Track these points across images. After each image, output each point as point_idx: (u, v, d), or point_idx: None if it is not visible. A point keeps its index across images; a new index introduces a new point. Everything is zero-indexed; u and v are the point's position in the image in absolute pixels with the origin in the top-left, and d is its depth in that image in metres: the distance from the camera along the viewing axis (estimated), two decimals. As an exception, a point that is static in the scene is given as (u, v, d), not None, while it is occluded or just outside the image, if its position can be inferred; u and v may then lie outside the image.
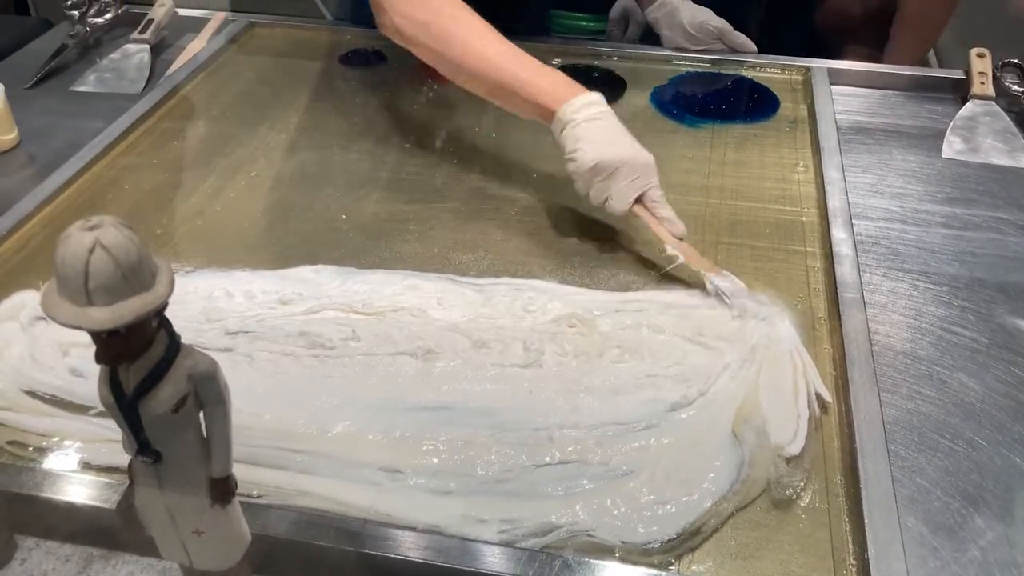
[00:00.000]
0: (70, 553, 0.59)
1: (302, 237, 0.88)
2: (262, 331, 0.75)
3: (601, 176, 0.81)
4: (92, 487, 0.59)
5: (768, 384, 0.69)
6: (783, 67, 1.19)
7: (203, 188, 0.97)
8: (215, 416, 0.45)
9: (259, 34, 1.33)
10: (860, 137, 1.06)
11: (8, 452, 0.65)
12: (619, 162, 0.80)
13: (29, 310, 0.76)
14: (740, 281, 0.78)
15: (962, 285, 0.81)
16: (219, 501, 0.47)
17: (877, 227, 0.90)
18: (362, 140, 1.06)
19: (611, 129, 0.83)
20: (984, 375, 0.71)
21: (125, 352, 0.40)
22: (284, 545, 0.56)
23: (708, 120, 1.08)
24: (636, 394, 0.68)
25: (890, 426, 0.66)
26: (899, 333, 0.76)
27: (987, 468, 0.64)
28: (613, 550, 0.57)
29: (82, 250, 0.36)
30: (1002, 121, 1.06)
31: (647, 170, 0.81)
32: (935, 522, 0.60)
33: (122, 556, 0.58)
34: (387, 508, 0.60)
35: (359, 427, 0.66)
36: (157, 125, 1.09)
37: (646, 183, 0.81)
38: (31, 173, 0.98)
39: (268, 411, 0.67)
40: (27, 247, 0.87)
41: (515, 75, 0.86)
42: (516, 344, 0.73)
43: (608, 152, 0.80)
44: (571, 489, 0.61)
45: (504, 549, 0.56)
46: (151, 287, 0.38)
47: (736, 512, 0.60)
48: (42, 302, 0.38)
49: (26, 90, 1.17)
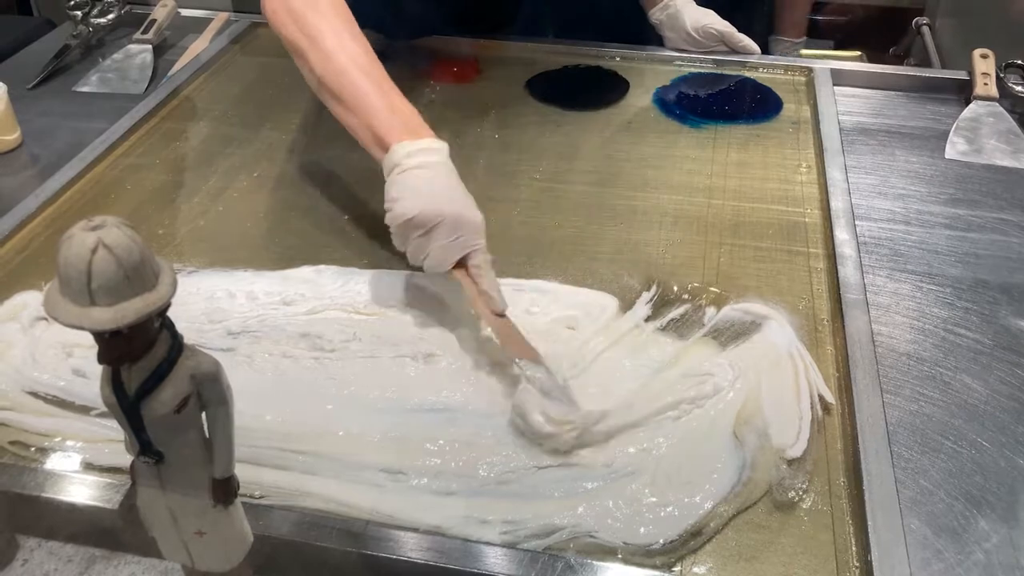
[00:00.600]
0: (72, 554, 0.59)
1: (304, 238, 0.88)
2: (264, 332, 0.75)
3: (418, 232, 0.72)
4: (94, 488, 0.59)
5: (770, 386, 0.69)
6: (786, 68, 1.19)
7: (205, 188, 0.97)
8: (217, 417, 0.45)
9: (262, 34, 1.33)
10: (863, 138, 1.05)
11: (10, 452, 0.65)
12: (439, 217, 0.71)
13: (30, 311, 0.76)
14: (556, 378, 0.67)
15: (965, 286, 0.81)
16: (221, 502, 0.47)
17: (880, 228, 0.89)
18: (364, 140, 1.05)
19: (439, 181, 0.74)
20: (988, 376, 0.71)
21: (127, 352, 0.40)
22: (286, 546, 0.56)
23: (711, 121, 1.08)
24: (638, 395, 0.68)
25: (893, 428, 0.66)
26: (902, 334, 0.76)
27: (991, 470, 0.63)
28: (615, 551, 0.57)
29: (85, 250, 0.36)
30: (1005, 122, 1.06)
31: (472, 230, 0.72)
32: (938, 524, 0.60)
33: (124, 557, 0.58)
34: (389, 509, 0.60)
35: (361, 428, 0.66)
36: (160, 125, 1.09)
37: (469, 244, 0.72)
38: (33, 173, 0.98)
39: (270, 412, 0.67)
40: (29, 247, 0.87)
41: (360, 89, 0.79)
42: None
43: (429, 205, 0.72)
44: (573, 491, 0.61)
45: (506, 550, 0.56)
46: (153, 287, 0.38)
47: (738, 514, 0.60)
48: (45, 302, 0.38)
49: (29, 90, 1.17)
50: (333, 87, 0.80)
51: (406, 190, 0.73)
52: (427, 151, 0.75)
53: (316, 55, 0.81)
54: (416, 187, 0.73)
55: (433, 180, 0.74)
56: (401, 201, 0.73)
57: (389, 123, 0.77)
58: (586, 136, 1.06)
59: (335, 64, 0.80)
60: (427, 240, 0.72)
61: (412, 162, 0.74)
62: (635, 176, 0.98)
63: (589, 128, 1.07)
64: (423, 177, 0.74)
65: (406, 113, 0.79)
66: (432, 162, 0.75)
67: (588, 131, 1.07)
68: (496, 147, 1.04)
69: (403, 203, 0.73)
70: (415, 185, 0.73)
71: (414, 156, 0.75)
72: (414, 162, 0.74)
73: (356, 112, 0.79)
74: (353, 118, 0.79)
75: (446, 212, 0.72)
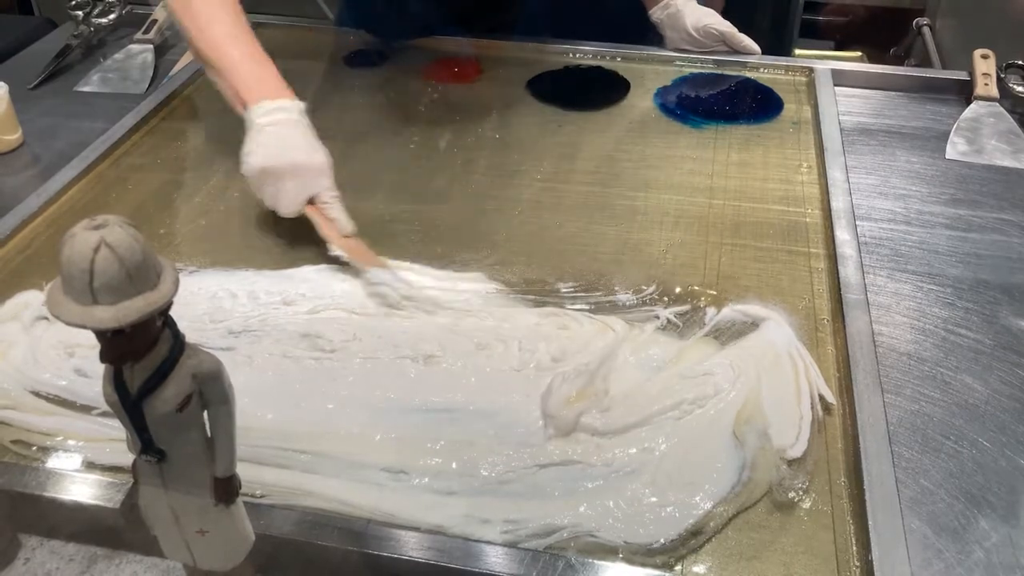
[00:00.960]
0: (74, 552, 0.59)
1: (305, 237, 0.88)
2: (265, 331, 0.75)
3: (269, 181, 0.82)
4: (96, 486, 0.59)
5: (770, 386, 0.69)
6: (787, 68, 1.19)
7: (207, 188, 0.97)
8: (219, 415, 0.45)
9: (263, 35, 1.32)
10: (864, 138, 1.05)
11: (12, 451, 0.65)
12: (287, 167, 0.82)
13: (32, 310, 0.76)
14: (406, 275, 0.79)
15: (966, 286, 0.81)
16: (223, 501, 0.47)
17: (881, 228, 0.89)
18: (366, 141, 1.06)
19: (288, 135, 0.83)
20: (988, 376, 0.71)
21: (130, 351, 0.40)
22: (288, 545, 0.56)
23: (712, 121, 1.08)
24: (640, 396, 0.68)
25: (894, 427, 0.66)
26: (903, 334, 0.76)
27: (991, 469, 0.63)
28: (616, 551, 0.57)
29: (87, 249, 0.36)
30: (1006, 122, 1.06)
31: (318, 173, 0.83)
32: (939, 524, 0.60)
33: (126, 556, 0.58)
34: (390, 508, 0.60)
35: (362, 427, 0.66)
36: (161, 125, 1.09)
37: (315, 186, 0.83)
38: (35, 173, 0.98)
39: (272, 411, 0.67)
40: (31, 247, 0.87)
41: (228, 57, 0.87)
42: (516, 346, 0.73)
43: (278, 158, 0.81)
44: (574, 490, 0.61)
45: (507, 550, 0.56)
46: (156, 286, 0.38)
47: (738, 514, 0.60)
48: (47, 301, 0.38)
49: (30, 90, 1.17)
50: (207, 55, 0.88)
51: (258, 145, 0.82)
52: (280, 110, 0.84)
53: (195, 29, 0.89)
54: (265, 142, 0.82)
55: (282, 135, 0.83)
56: (252, 155, 0.82)
57: (249, 85, 0.86)
58: (587, 136, 1.06)
59: (208, 35, 0.88)
60: (277, 188, 0.82)
61: (265, 120, 0.83)
62: (636, 176, 0.98)
63: (590, 128, 1.07)
64: (273, 133, 0.83)
65: (267, 77, 0.87)
66: (283, 119, 0.84)
67: (589, 131, 1.07)
68: (497, 147, 1.04)
69: (254, 156, 0.82)
70: (265, 140, 0.82)
71: (268, 114, 0.83)
72: (267, 120, 0.83)
73: (224, 76, 0.87)
74: (222, 82, 0.88)
75: (295, 161, 0.82)
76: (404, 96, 1.15)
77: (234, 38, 0.88)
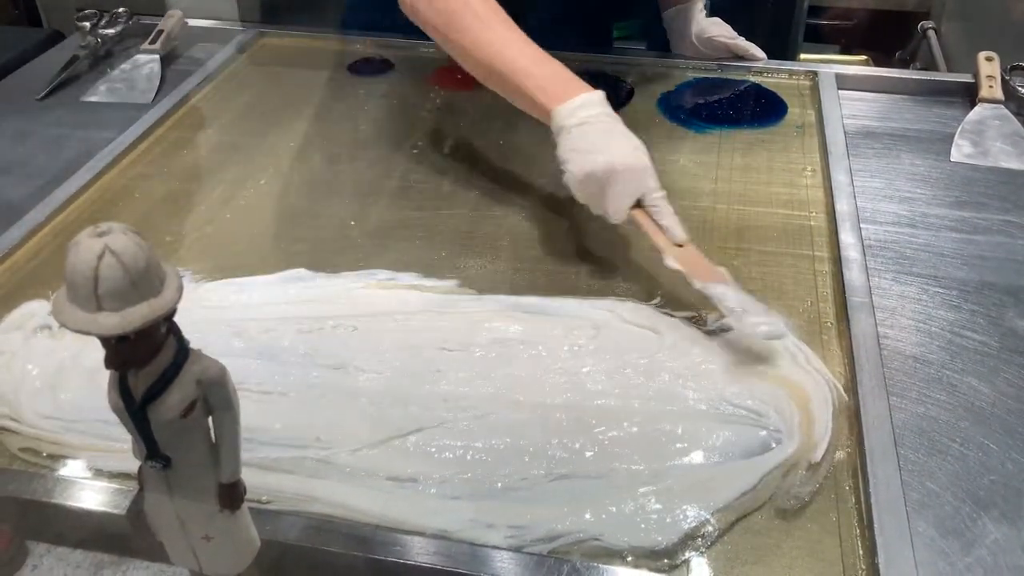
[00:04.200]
0: (81, 559, 0.59)
1: (311, 244, 0.89)
2: (271, 339, 0.75)
3: (593, 187, 0.78)
4: (102, 493, 0.60)
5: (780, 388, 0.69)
6: (790, 72, 1.19)
7: (213, 196, 0.97)
8: (224, 421, 0.45)
9: (268, 44, 1.34)
10: (868, 141, 1.05)
11: (20, 459, 0.65)
12: (608, 170, 0.77)
13: (36, 320, 0.76)
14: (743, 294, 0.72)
15: (972, 289, 0.81)
16: (228, 506, 0.47)
17: (886, 231, 0.89)
18: (370, 148, 1.06)
19: (602, 134, 0.79)
20: (994, 379, 0.71)
21: (134, 358, 0.40)
22: (294, 551, 0.56)
23: (716, 125, 1.08)
24: (645, 404, 0.68)
25: (899, 430, 0.65)
26: (908, 337, 0.76)
27: (998, 472, 0.63)
28: (621, 555, 0.57)
29: (91, 256, 0.36)
30: (1011, 124, 1.06)
31: (642, 175, 0.77)
32: (946, 526, 0.59)
33: (132, 562, 0.59)
34: (396, 514, 0.60)
35: (368, 434, 0.66)
36: (167, 135, 1.10)
37: (641, 188, 0.77)
38: (43, 183, 0.99)
39: (277, 417, 0.67)
40: (38, 256, 0.88)
41: (515, 64, 0.83)
42: (526, 353, 0.73)
43: (597, 162, 0.77)
44: (579, 495, 0.61)
45: (512, 554, 0.56)
46: (160, 293, 0.38)
47: (744, 517, 0.60)
48: (52, 309, 0.38)
49: (38, 101, 1.18)
50: (490, 65, 0.85)
51: (574, 152, 0.78)
52: (585, 106, 0.80)
53: (467, 42, 0.86)
54: (581, 147, 0.78)
55: (596, 135, 0.78)
56: (571, 162, 0.78)
57: (545, 88, 0.81)
58: (591, 142, 1.06)
59: (487, 46, 0.85)
60: (601, 194, 0.77)
61: (573, 121, 0.79)
62: (640, 181, 0.98)
63: (594, 134, 1.07)
64: (587, 134, 0.78)
65: (561, 76, 0.83)
66: (591, 115, 0.79)
67: (593, 137, 1.07)
68: (500, 153, 1.04)
69: (573, 164, 0.78)
70: (581, 145, 0.78)
71: (574, 115, 0.79)
72: (574, 121, 0.79)
73: (515, 85, 0.83)
74: (512, 91, 0.84)
75: (615, 163, 0.76)
76: (408, 103, 1.16)
77: (514, 43, 0.84)
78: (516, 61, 0.83)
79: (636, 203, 0.77)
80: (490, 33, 0.85)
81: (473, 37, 0.86)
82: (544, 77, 0.83)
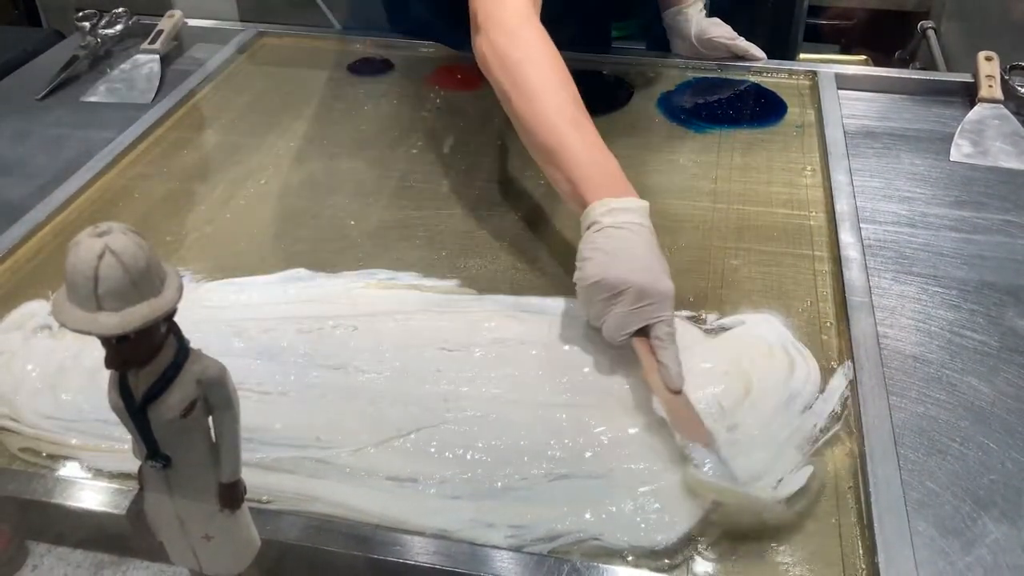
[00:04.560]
0: (81, 559, 0.59)
1: (311, 244, 0.89)
2: (271, 338, 0.75)
3: (603, 296, 0.69)
4: (102, 493, 0.60)
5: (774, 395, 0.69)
6: (790, 72, 1.19)
7: (213, 196, 0.97)
8: (224, 421, 0.45)
9: (268, 44, 1.34)
10: (868, 141, 1.05)
11: (20, 459, 0.65)
12: (625, 285, 0.67)
13: (35, 320, 0.76)
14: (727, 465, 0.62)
15: (971, 288, 0.81)
16: (228, 506, 0.47)
17: (885, 231, 0.89)
18: (370, 148, 1.06)
19: (632, 244, 0.70)
20: (994, 378, 0.71)
21: (134, 357, 0.40)
22: (294, 550, 0.56)
23: (716, 125, 1.08)
24: (645, 404, 0.68)
25: (899, 430, 0.65)
26: (908, 337, 0.76)
27: (997, 471, 0.63)
28: (621, 555, 0.57)
29: (91, 256, 0.36)
30: (1010, 124, 1.06)
31: (660, 300, 0.68)
32: (945, 526, 0.59)
33: (132, 562, 0.59)
34: (396, 514, 0.60)
35: (369, 435, 0.66)
36: (167, 135, 1.10)
37: (652, 315, 0.67)
38: (43, 183, 0.99)
39: (277, 417, 0.67)
40: (38, 256, 0.88)
41: (568, 143, 0.75)
42: (526, 353, 0.73)
43: (616, 271, 0.68)
44: (579, 495, 0.61)
45: (513, 554, 0.56)
46: (160, 293, 0.38)
47: (744, 518, 0.60)
48: (52, 308, 0.38)
49: (38, 101, 1.18)
50: (539, 138, 0.77)
51: (597, 251, 0.70)
52: (626, 211, 0.72)
53: (524, 105, 0.78)
54: (608, 249, 0.70)
55: (626, 243, 0.70)
56: (590, 262, 0.70)
57: (589, 177, 0.74)
58: (591, 142, 1.06)
59: (543, 114, 0.77)
60: (609, 305, 0.69)
61: (608, 221, 0.71)
62: (640, 181, 0.96)
63: (594, 134, 1.07)
64: (617, 238, 0.70)
65: (611, 171, 0.75)
66: (629, 222, 0.71)
67: (593, 137, 1.07)
68: (500, 153, 1.04)
69: (591, 265, 0.70)
70: (607, 247, 0.70)
71: (612, 215, 0.71)
72: (609, 221, 0.71)
73: (559, 164, 0.76)
74: (556, 171, 0.76)
75: (633, 280, 0.68)
76: (408, 103, 1.16)
77: (572, 119, 0.76)
78: (571, 139, 0.76)
79: (641, 330, 0.68)
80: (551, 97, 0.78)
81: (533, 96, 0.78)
82: (595, 166, 0.75)
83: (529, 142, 0.80)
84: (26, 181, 1.00)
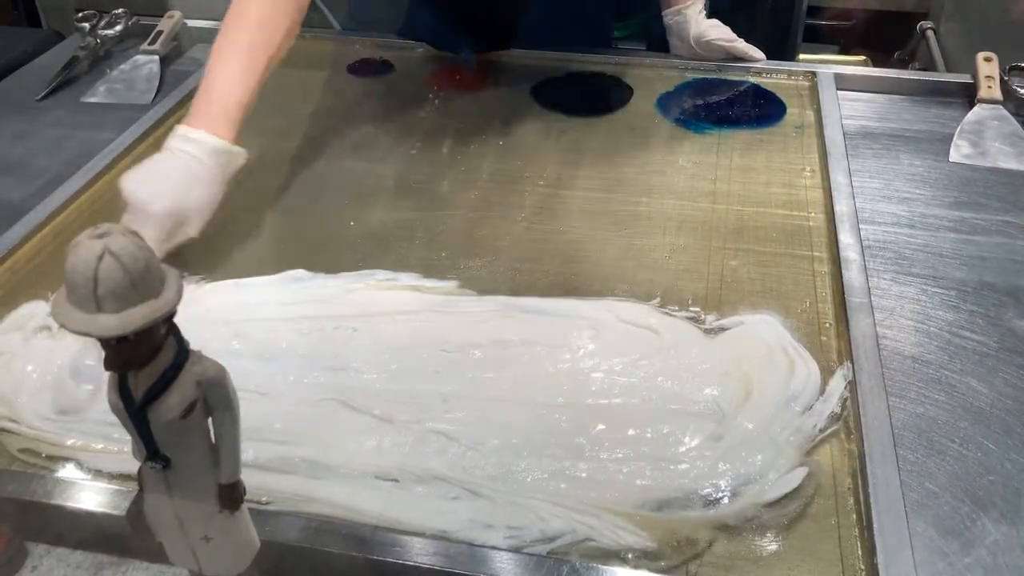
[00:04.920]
0: (81, 560, 0.59)
1: (310, 245, 0.89)
2: (270, 339, 0.75)
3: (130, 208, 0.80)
4: (102, 494, 0.60)
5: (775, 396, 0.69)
6: (789, 72, 1.19)
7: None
8: (223, 422, 0.45)
9: (267, 44, 1.34)
10: (867, 142, 1.05)
11: (20, 460, 0.65)
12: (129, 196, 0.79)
13: (35, 321, 0.76)
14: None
15: (970, 289, 0.81)
16: (228, 507, 0.47)
17: (885, 232, 0.89)
18: (370, 148, 1.06)
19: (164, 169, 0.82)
20: (993, 379, 0.71)
21: (134, 359, 0.40)
22: (293, 551, 0.56)
23: (715, 126, 1.08)
24: (644, 404, 0.68)
25: (899, 430, 0.65)
26: (907, 337, 0.76)
27: (997, 472, 0.63)
28: (620, 555, 0.57)
29: (91, 257, 0.36)
30: (1010, 125, 1.06)
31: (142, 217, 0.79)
32: (945, 527, 0.60)
33: (132, 563, 0.59)
34: (396, 514, 0.60)
35: (368, 435, 0.66)
36: (167, 135, 1.09)
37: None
38: (43, 183, 0.99)
39: (277, 417, 0.67)
40: (38, 257, 0.88)
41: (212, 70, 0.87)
42: (525, 353, 0.73)
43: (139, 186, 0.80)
44: (578, 496, 0.61)
45: (512, 554, 0.56)
46: (159, 294, 0.38)
47: (744, 517, 0.60)
48: (52, 310, 0.38)
49: (37, 102, 1.18)
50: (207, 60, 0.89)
51: (140, 167, 0.82)
52: (187, 140, 0.82)
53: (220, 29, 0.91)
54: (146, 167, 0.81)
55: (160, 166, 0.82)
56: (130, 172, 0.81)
57: (197, 106, 0.85)
58: (590, 142, 1.06)
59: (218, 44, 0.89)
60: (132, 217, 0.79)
61: (170, 143, 0.82)
62: (639, 182, 0.98)
63: (593, 134, 1.07)
64: (158, 160, 0.82)
65: (218, 104, 0.85)
66: (179, 149, 0.82)
67: (592, 137, 1.07)
68: (501, 153, 1.04)
69: (128, 174, 0.81)
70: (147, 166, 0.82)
71: (173, 139, 0.82)
72: (170, 144, 0.82)
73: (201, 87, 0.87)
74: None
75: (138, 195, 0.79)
76: (407, 104, 1.16)
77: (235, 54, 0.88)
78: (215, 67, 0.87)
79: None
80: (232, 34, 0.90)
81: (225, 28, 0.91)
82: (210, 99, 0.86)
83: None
84: (26, 181, 1.01)
